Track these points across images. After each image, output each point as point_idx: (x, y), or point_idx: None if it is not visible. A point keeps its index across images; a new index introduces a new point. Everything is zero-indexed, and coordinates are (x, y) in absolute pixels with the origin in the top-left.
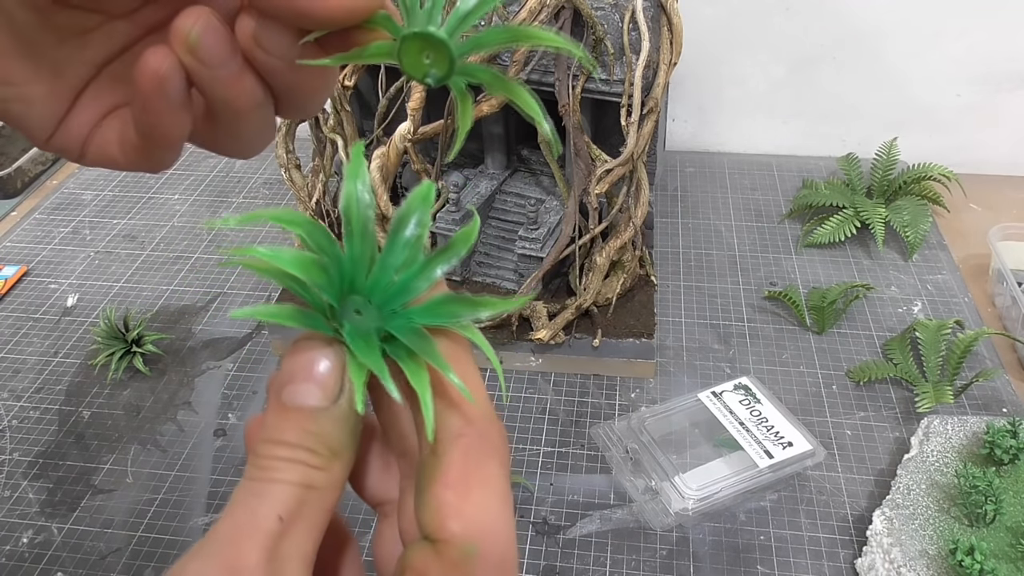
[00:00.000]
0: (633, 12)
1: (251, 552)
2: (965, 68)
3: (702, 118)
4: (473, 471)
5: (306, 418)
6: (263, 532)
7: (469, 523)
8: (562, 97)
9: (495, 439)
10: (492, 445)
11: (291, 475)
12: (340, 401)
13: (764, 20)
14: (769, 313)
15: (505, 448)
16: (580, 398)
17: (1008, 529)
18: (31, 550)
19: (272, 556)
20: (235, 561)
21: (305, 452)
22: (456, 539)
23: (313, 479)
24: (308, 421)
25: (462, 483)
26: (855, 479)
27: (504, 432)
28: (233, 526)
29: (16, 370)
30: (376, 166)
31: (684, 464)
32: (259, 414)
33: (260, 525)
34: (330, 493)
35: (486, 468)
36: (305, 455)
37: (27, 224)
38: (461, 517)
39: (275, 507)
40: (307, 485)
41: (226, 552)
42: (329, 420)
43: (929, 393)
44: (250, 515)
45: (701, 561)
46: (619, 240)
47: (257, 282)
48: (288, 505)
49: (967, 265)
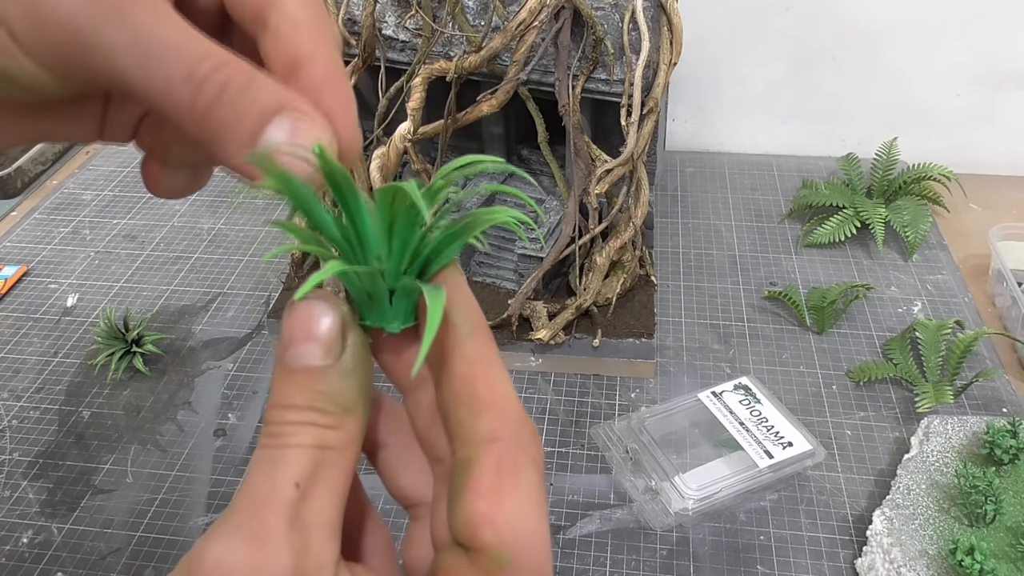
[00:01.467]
0: (633, 12)
1: (272, 522)
2: (965, 68)
3: (702, 118)
4: (506, 478)
5: (312, 378)
6: (282, 500)
7: (502, 532)
8: (562, 97)
9: (527, 442)
10: (525, 449)
11: (304, 438)
12: (344, 357)
13: (764, 20)
14: (769, 313)
15: (538, 450)
16: (580, 398)
17: (1008, 529)
18: (31, 550)
19: (294, 524)
20: (257, 533)
21: (315, 412)
22: (489, 548)
23: (327, 439)
24: (314, 380)
25: (495, 491)
26: (855, 479)
27: (536, 432)
28: (250, 498)
29: (16, 370)
30: (376, 166)
31: (684, 464)
32: None
33: (278, 493)
34: (347, 452)
35: (519, 474)
36: (315, 415)
37: (27, 224)
38: (494, 526)
39: (291, 473)
40: (321, 446)
41: (247, 525)
42: (335, 376)
43: (929, 393)
44: (267, 484)
45: (701, 561)
46: (619, 240)
47: (257, 281)
48: (304, 469)
49: (967, 265)
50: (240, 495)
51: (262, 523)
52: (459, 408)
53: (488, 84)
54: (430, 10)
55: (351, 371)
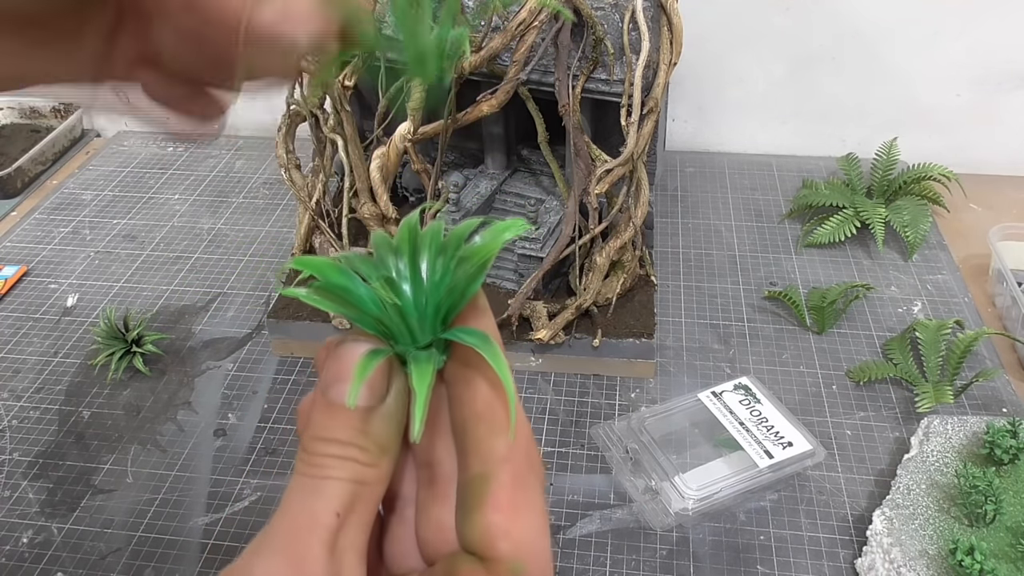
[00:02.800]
0: (633, 12)
1: (314, 547)
2: (965, 68)
3: (702, 118)
4: (520, 494)
5: (356, 416)
6: (323, 527)
7: (517, 544)
8: (562, 97)
9: (536, 462)
10: (535, 468)
11: (344, 472)
12: (388, 400)
13: (764, 20)
14: (769, 313)
15: (542, 468)
16: (580, 398)
17: (1008, 529)
18: (31, 550)
19: (332, 549)
20: (300, 556)
21: (356, 449)
22: (506, 558)
23: (364, 475)
24: (357, 419)
25: (511, 506)
26: (855, 479)
27: (539, 452)
28: (293, 522)
29: (16, 370)
30: (376, 166)
31: (684, 464)
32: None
33: (319, 520)
34: (379, 487)
35: (530, 490)
36: (356, 452)
37: (27, 224)
38: (510, 538)
39: (331, 503)
40: (359, 481)
41: (290, 548)
42: (377, 418)
43: (929, 393)
44: (308, 512)
45: (701, 561)
46: (619, 240)
47: (257, 282)
48: (343, 501)
49: (967, 265)
50: (281, 517)
51: (305, 547)
52: (480, 426)
53: (488, 84)
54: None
55: (392, 414)
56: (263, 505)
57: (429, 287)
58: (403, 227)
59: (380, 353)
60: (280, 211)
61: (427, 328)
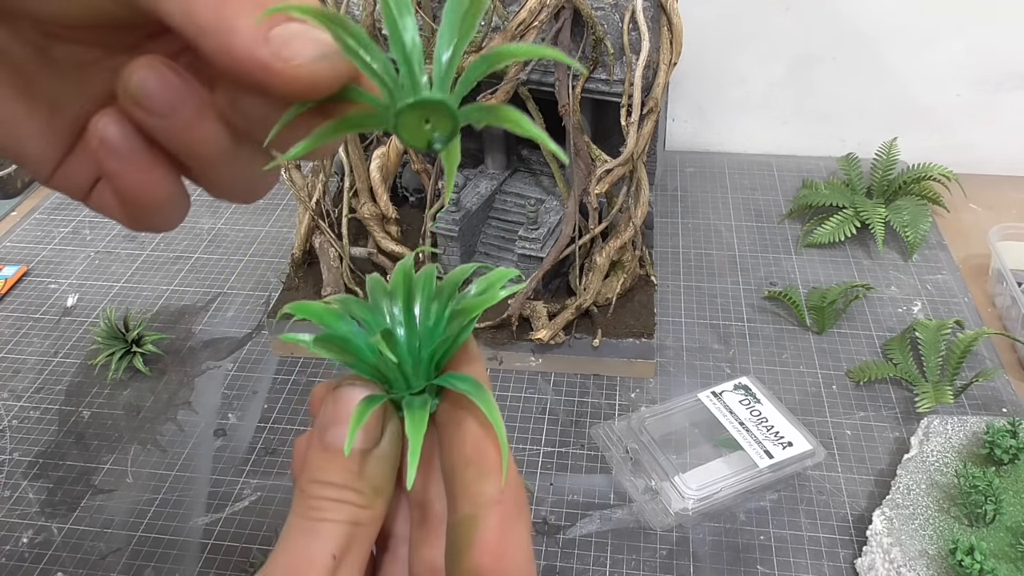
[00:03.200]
0: (633, 12)
1: None
2: (965, 68)
3: (702, 118)
4: (508, 535)
5: (351, 460)
6: (319, 568)
7: None
8: (562, 97)
9: (523, 502)
10: (522, 509)
11: (340, 514)
12: (382, 443)
13: (764, 20)
14: (769, 313)
15: (528, 507)
16: (580, 398)
17: (1008, 529)
18: (31, 550)
19: None
20: None
21: (351, 492)
22: None
23: (360, 517)
24: (353, 463)
25: (499, 547)
26: (855, 479)
27: (525, 492)
28: (291, 563)
29: (16, 370)
30: (376, 166)
31: (684, 464)
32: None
33: (317, 563)
34: (374, 528)
35: (518, 533)
36: (351, 495)
37: (27, 224)
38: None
39: (328, 545)
40: (355, 523)
41: None
42: (372, 461)
43: (929, 393)
44: (305, 553)
45: (701, 561)
46: (619, 240)
47: (257, 281)
48: (340, 543)
49: (967, 265)
50: (280, 555)
51: None
52: (468, 469)
53: (488, 84)
54: (430, 10)
55: (387, 457)
56: (263, 505)
57: (423, 332)
58: (398, 271)
59: (376, 399)
60: (280, 211)
61: (421, 374)
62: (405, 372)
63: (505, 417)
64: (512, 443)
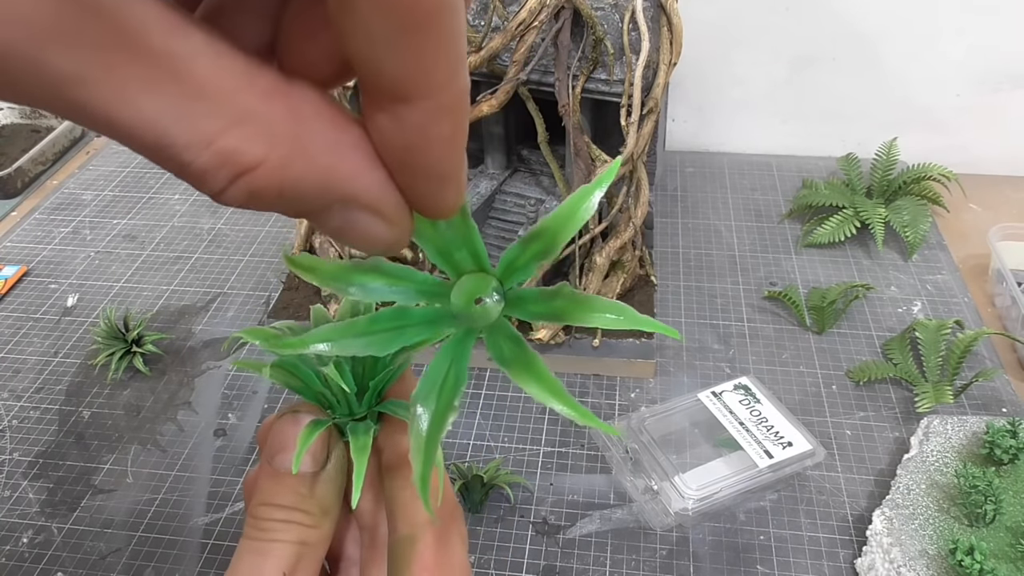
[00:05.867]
0: (633, 12)
1: None
2: (965, 68)
3: (702, 118)
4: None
5: (299, 482)
6: None
7: None
8: (562, 97)
9: (458, 520)
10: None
11: (289, 535)
12: (328, 466)
13: (764, 20)
14: (769, 313)
15: (463, 524)
16: (580, 398)
17: (1008, 529)
18: (31, 550)
19: None
20: None
21: (300, 513)
22: None
23: (308, 537)
24: (301, 485)
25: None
26: (855, 479)
27: (460, 508)
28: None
29: (16, 370)
30: None
31: (684, 464)
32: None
33: None
34: (322, 547)
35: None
36: (300, 516)
37: (27, 224)
38: None
39: (279, 564)
40: (303, 542)
41: None
42: (319, 483)
43: (929, 393)
44: (257, 572)
45: (701, 561)
46: (619, 240)
47: (257, 282)
48: (289, 561)
49: (967, 265)
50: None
51: None
52: (405, 491)
53: (488, 84)
54: None
55: (333, 479)
56: None
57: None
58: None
59: (321, 424)
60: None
61: (364, 401)
62: (349, 399)
63: (505, 417)
64: (512, 443)
